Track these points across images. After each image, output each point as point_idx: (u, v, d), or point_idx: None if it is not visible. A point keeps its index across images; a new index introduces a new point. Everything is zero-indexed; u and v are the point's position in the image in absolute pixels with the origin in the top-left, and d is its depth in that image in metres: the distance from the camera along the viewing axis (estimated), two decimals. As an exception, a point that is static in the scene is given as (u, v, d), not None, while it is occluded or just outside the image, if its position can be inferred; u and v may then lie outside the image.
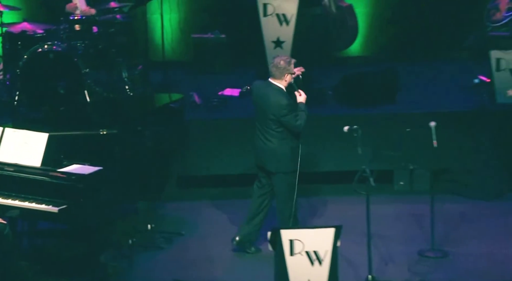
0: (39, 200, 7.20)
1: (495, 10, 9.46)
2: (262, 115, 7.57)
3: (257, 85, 7.71)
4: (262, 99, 7.55)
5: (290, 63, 7.52)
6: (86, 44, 9.10)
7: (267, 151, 7.60)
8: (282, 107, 7.46)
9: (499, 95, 9.10)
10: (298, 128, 7.53)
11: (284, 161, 7.58)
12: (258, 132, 7.63)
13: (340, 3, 9.94)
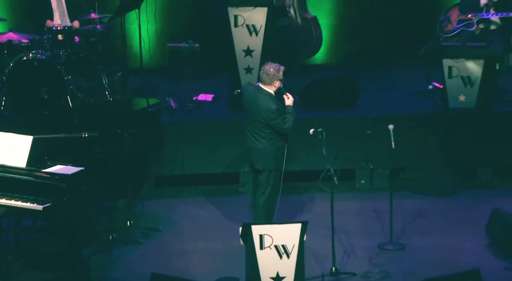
0: (24, 198, 7.15)
1: (447, 22, 9.49)
2: (251, 118, 7.60)
3: (247, 90, 7.74)
4: (252, 103, 7.58)
5: (279, 70, 7.56)
6: (68, 52, 9.07)
7: (255, 150, 7.64)
8: (271, 111, 7.50)
9: (451, 100, 9.13)
10: (287, 130, 7.59)
11: (270, 160, 7.62)
12: (248, 133, 7.66)
13: (305, 15, 9.93)
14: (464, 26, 9.35)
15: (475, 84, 8.99)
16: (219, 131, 9.17)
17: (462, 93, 9.06)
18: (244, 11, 9.23)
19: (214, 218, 8.53)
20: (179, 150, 9.05)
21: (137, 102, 9.00)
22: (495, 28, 9.30)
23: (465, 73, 9.01)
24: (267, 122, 7.52)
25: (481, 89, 8.99)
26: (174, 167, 9.06)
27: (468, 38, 9.23)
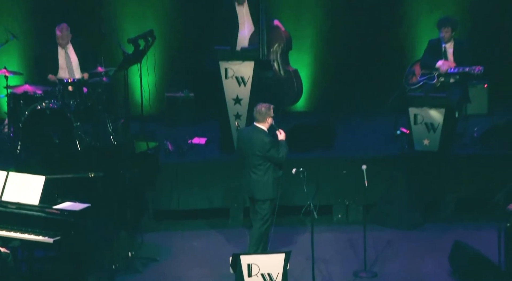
0: (36, 232, 7.14)
1: (412, 75, 9.55)
2: (249, 153, 7.69)
3: (243, 130, 7.94)
4: (249, 140, 7.70)
5: (270, 108, 7.71)
6: (77, 102, 9.11)
7: (255, 182, 7.70)
8: (265, 143, 7.60)
9: (417, 144, 9.15)
10: (281, 159, 7.68)
11: (269, 190, 7.68)
12: (247, 168, 7.72)
13: (288, 68, 9.97)
14: (427, 79, 9.45)
15: (437, 130, 9.03)
16: (211, 171, 9.18)
17: (426, 138, 9.08)
18: (234, 64, 9.29)
19: (207, 248, 8.51)
20: (176, 187, 9.03)
21: (138, 145, 9.00)
22: (453, 81, 9.37)
23: (429, 120, 9.05)
24: (263, 154, 7.61)
25: (442, 134, 9.02)
26: (171, 202, 9.05)
27: (431, 90, 9.27)
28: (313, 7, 10.87)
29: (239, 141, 7.86)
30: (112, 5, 10.78)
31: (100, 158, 8.64)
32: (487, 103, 10.47)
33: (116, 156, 8.66)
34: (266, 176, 7.66)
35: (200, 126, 10.39)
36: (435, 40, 9.44)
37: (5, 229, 7.21)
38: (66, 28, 9.50)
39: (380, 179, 8.88)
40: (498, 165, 8.97)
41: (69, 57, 9.58)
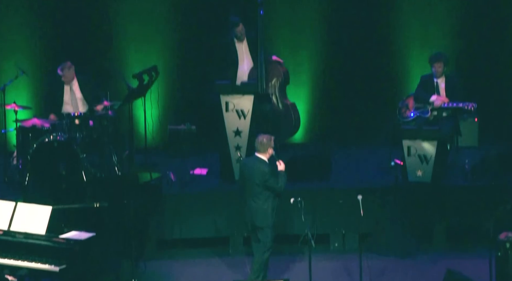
0: (43, 261, 7.10)
1: (405, 108, 9.57)
2: (250, 182, 7.70)
3: (245, 161, 7.98)
4: (250, 169, 7.73)
5: (271, 139, 7.76)
6: (83, 134, 9.12)
7: (255, 210, 7.71)
8: (265, 173, 7.63)
9: (410, 175, 9.13)
10: (280, 189, 7.70)
11: (268, 217, 7.69)
12: (248, 197, 7.73)
13: (286, 102, 10.00)
14: (420, 112, 9.48)
15: (430, 162, 9.03)
16: (212, 200, 9.15)
17: (419, 169, 9.07)
18: (234, 98, 9.32)
19: (208, 276, 8.46)
20: (178, 217, 9.01)
21: (141, 176, 8.99)
22: (445, 115, 9.41)
23: (422, 152, 9.05)
24: (262, 183, 7.62)
25: (435, 166, 9.02)
26: (173, 231, 9.01)
27: (423, 123, 9.30)
28: (309, 43, 10.95)
29: (241, 170, 7.88)
30: (118, 42, 10.85)
31: (105, 188, 8.63)
32: (477, 136, 10.51)
33: (121, 187, 8.65)
34: (266, 204, 7.67)
35: (201, 158, 10.38)
36: (427, 76, 9.49)
37: (13, 258, 7.18)
38: (68, 66, 9.53)
39: (375, 208, 8.85)
40: (488, 196, 8.95)
41: (74, 93, 9.61)
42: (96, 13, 10.79)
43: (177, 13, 10.87)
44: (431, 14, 10.81)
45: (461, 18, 10.80)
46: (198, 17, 10.84)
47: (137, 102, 9.88)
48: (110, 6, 10.80)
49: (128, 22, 10.83)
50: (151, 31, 10.85)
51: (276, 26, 10.82)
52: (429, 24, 10.81)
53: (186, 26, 10.89)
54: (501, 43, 10.85)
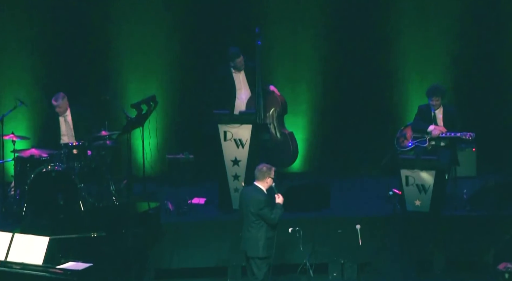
0: (40, 292, 7.06)
1: (403, 138, 9.58)
2: (246, 211, 7.66)
3: (245, 188, 7.96)
4: (247, 197, 7.71)
5: (271, 169, 7.74)
6: (81, 164, 9.10)
7: (247, 239, 7.66)
8: (260, 202, 7.59)
9: (409, 204, 9.12)
10: (273, 220, 7.63)
11: (258, 247, 7.61)
12: (244, 225, 7.68)
13: (284, 131, 10.02)
14: (418, 142, 9.49)
15: (428, 191, 9.01)
16: (211, 230, 9.12)
17: (418, 199, 9.06)
18: (232, 127, 9.35)
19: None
20: (176, 246, 8.96)
21: (139, 205, 8.97)
22: (444, 145, 9.43)
23: (420, 181, 9.04)
24: (256, 212, 7.58)
25: (433, 196, 9.00)
26: (171, 261, 8.96)
27: (422, 152, 9.30)
28: (307, 73, 11.01)
29: (240, 199, 7.86)
30: (117, 72, 10.91)
31: (103, 218, 8.60)
32: (475, 166, 10.52)
33: (119, 216, 8.62)
34: (260, 234, 7.62)
35: (199, 187, 10.36)
36: (424, 106, 9.53)
37: (9, 290, 7.12)
38: (62, 97, 9.56)
39: (373, 238, 8.82)
40: (486, 226, 8.93)
41: (69, 124, 9.63)
42: (96, 43, 10.86)
43: (175, 42, 10.94)
44: (430, 45, 10.89)
45: (459, 49, 10.88)
46: (196, 46, 10.91)
47: (135, 132, 9.90)
48: (110, 35, 10.87)
49: (127, 51, 10.89)
50: (150, 60, 10.91)
51: (274, 56, 10.89)
52: (428, 55, 10.89)
53: (185, 55, 10.96)
54: (500, 73, 10.92)
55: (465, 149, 10.43)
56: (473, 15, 10.85)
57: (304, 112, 11.00)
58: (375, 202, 9.62)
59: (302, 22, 10.94)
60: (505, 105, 10.94)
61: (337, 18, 10.92)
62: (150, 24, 10.88)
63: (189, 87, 10.98)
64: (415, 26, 10.87)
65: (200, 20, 10.91)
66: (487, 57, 10.86)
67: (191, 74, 10.96)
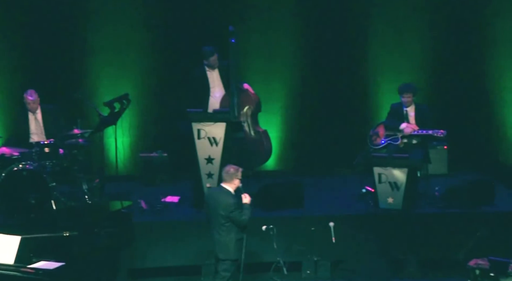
0: (11, 292, 7.00)
1: (376, 136, 9.64)
2: (214, 213, 7.63)
3: (210, 191, 7.92)
4: (215, 200, 7.66)
5: (238, 170, 7.71)
6: (53, 163, 9.03)
7: (218, 242, 7.63)
8: (229, 205, 7.57)
9: (381, 202, 9.18)
10: (244, 222, 7.62)
11: (229, 250, 7.61)
12: (213, 228, 7.67)
13: (258, 129, 10.02)
14: (391, 140, 9.56)
15: (400, 189, 9.08)
16: (184, 228, 9.10)
17: (390, 196, 9.12)
18: (206, 125, 9.33)
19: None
20: (149, 246, 8.93)
21: (112, 204, 8.91)
22: (416, 143, 9.49)
23: (392, 179, 9.11)
24: (226, 215, 7.56)
25: (406, 193, 9.08)
26: (144, 261, 8.93)
27: (394, 150, 9.37)
28: (282, 71, 11.04)
29: (206, 201, 7.82)
30: (89, 70, 10.85)
31: (76, 217, 8.54)
32: (447, 163, 10.63)
33: (91, 216, 8.57)
34: (229, 236, 7.62)
35: (173, 185, 10.34)
36: (397, 104, 9.61)
37: (-21, 289, 7.06)
38: (35, 93, 9.49)
39: (347, 235, 8.85)
40: (458, 223, 9.01)
41: (39, 122, 9.55)
42: (68, 40, 10.79)
43: (148, 40, 10.91)
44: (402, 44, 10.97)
45: (431, 48, 10.99)
46: (170, 44, 10.89)
47: (108, 130, 9.85)
48: (82, 33, 10.80)
49: (99, 49, 10.84)
50: (122, 58, 10.87)
51: (248, 54, 10.90)
52: (400, 55, 10.98)
53: (158, 53, 10.93)
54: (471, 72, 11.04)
55: (437, 146, 10.54)
56: (444, 15, 10.96)
57: (278, 110, 11.03)
58: (348, 199, 9.66)
59: (276, 20, 10.96)
60: (476, 103, 11.07)
61: (311, 17, 10.97)
62: (123, 22, 10.84)
63: (162, 85, 10.95)
64: (388, 26, 10.95)
65: (174, 18, 10.89)
66: (459, 57, 10.98)
67: (164, 73, 10.94)
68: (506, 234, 8.87)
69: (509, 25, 10.87)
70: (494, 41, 10.91)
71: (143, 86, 10.94)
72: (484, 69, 10.99)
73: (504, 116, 10.99)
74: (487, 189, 9.38)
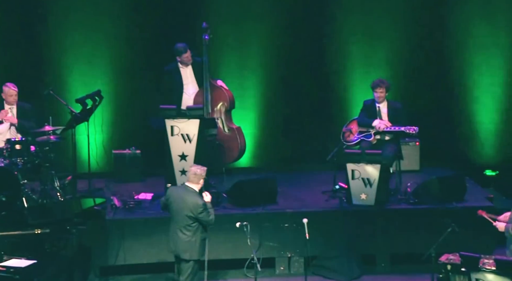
0: (-19, 291, 6.94)
1: (349, 132, 9.69)
2: (179, 213, 7.58)
3: (174, 191, 7.77)
4: (181, 200, 7.62)
5: (204, 171, 7.73)
6: (25, 160, 8.96)
7: (182, 242, 7.59)
8: (199, 206, 7.56)
9: (354, 198, 9.21)
10: (211, 221, 7.64)
11: (196, 251, 7.59)
12: (175, 228, 7.61)
13: (231, 126, 10.03)
14: (364, 136, 9.61)
15: (373, 185, 9.13)
16: (157, 225, 9.05)
17: (363, 192, 9.16)
18: (179, 122, 9.31)
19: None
20: (122, 243, 8.89)
21: (84, 202, 8.88)
22: (388, 139, 9.56)
23: (365, 175, 9.14)
24: (194, 216, 7.55)
25: (378, 189, 9.12)
26: (117, 258, 8.89)
27: (367, 147, 9.41)
28: (255, 68, 11.04)
29: (168, 200, 7.77)
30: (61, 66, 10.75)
31: (47, 214, 8.48)
32: (419, 160, 10.71)
33: (63, 213, 8.52)
34: (195, 237, 7.61)
35: (146, 182, 10.29)
36: (370, 101, 9.66)
37: (-51, 288, 6.98)
38: (14, 86, 9.41)
39: (320, 232, 8.88)
40: (429, 219, 9.07)
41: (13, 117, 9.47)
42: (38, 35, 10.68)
43: (121, 36, 10.84)
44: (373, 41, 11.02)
45: (403, 45, 11.05)
46: (143, 41, 10.83)
47: (80, 127, 9.79)
48: (53, 27, 10.70)
49: (71, 44, 10.75)
50: (95, 54, 10.79)
51: (221, 50, 10.88)
52: (372, 51, 11.03)
53: (131, 50, 10.87)
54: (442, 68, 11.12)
55: (409, 143, 10.62)
56: (415, 12, 11.03)
57: (252, 106, 11.04)
58: (321, 196, 9.67)
59: (249, 16, 10.96)
60: (448, 99, 11.17)
61: (283, 12, 10.98)
62: (96, 17, 10.75)
63: (135, 82, 10.89)
64: (360, 22, 11.00)
65: (147, 14, 10.84)
66: (430, 53, 11.06)
67: (137, 69, 10.87)
68: (477, 229, 8.97)
69: (480, 22, 10.97)
70: (465, 38, 11.00)
71: (116, 82, 10.87)
72: (455, 66, 11.08)
73: (474, 113, 11.11)
74: (458, 185, 9.47)
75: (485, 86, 11.03)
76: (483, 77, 11.01)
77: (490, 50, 10.94)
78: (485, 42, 10.93)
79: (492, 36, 10.92)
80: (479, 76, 11.03)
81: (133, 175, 10.45)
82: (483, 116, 11.06)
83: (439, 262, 7.44)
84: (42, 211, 8.61)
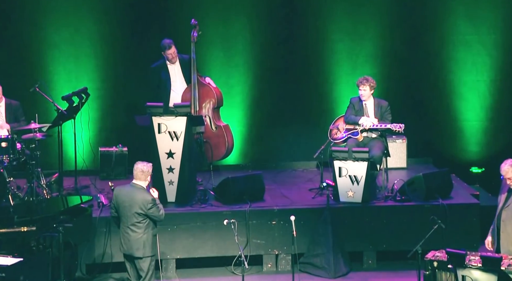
0: (-33, 288, 6.87)
1: (335, 130, 9.70)
2: (128, 212, 7.53)
3: (121, 190, 7.71)
4: (129, 198, 7.57)
5: (151, 167, 7.70)
6: (11, 158, 8.89)
7: (134, 240, 7.54)
8: (148, 202, 7.52)
9: (341, 195, 9.22)
10: (162, 216, 7.60)
11: (147, 247, 7.56)
12: (124, 227, 7.57)
13: (219, 123, 10.02)
14: (351, 134, 9.62)
15: (360, 182, 9.14)
16: (144, 223, 9.04)
17: (350, 190, 9.17)
18: (167, 119, 9.26)
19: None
20: (108, 241, 8.85)
21: (71, 199, 8.81)
22: (375, 136, 9.58)
23: (352, 173, 9.14)
24: (144, 212, 7.52)
25: (365, 187, 9.12)
26: (103, 256, 8.85)
27: (354, 144, 9.42)
28: (243, 65, 11.03)
29: (116, 200, 7.71)
30: (47, 63, 10.69)
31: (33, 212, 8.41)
32: (406, 157, 10.74)
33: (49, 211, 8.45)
34: (146, 233, 7.57)
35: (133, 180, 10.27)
36: (356, 98, 9.67)
37: None
38: None
39: (307, 229, 8.89)
40: (416, 216, 9.10)
41: (2, 115, 9.39)
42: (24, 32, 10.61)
43: (108, 33, 10.79)
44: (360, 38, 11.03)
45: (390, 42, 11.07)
46: (130, 38, 10.80)
47: (66, 124, 9.74)
48: (39, 25, 10.64)
49: (58, 41, 10.68)
50: (81, 51, 10.73)
51: (209, 48, 10.86)
52: (359, 48, 11.04)
53: (117, 47, 10.82)
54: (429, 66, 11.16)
55: (396, 140, 10.65)
56: (402, 8, 11.05)
57: (240, 104, 11.02)
58: (308, 193, 9.66)
59: (236, 13, 10.94)
60: (435, 97, 11.20)
61: (270, 9, 10.98)
62: (81, 15, 10.70)
63: (122, 79, 10.86)
64: (347, 18, 11.01)
65: (133, 10, 10.80)
66: (416, 50, 11.09)
67: (123, 66, 10.84)
68: (463, 226, 9.00)
69: (464, 20, 11.01)
70: (450, 35, 11.04)
71: (103, 80, 10.82)
72: (441, 63, 11.12)
73: (460, 110, 11.15)
74: (444, 182, 9.50)
75: (470, 83, 11.08)
76: (468, 74, 11.06)
77: (475, 47, 10.98)
78: (469, 40, 10.98)
79: (477, 34, 10.96)
80: (464, 73, 11.07)
81: (119, 173, 10.40)
82: (468, 114, 11.11)
83: (425, 259, 7.45)
84: (28, 209, 8.53)
